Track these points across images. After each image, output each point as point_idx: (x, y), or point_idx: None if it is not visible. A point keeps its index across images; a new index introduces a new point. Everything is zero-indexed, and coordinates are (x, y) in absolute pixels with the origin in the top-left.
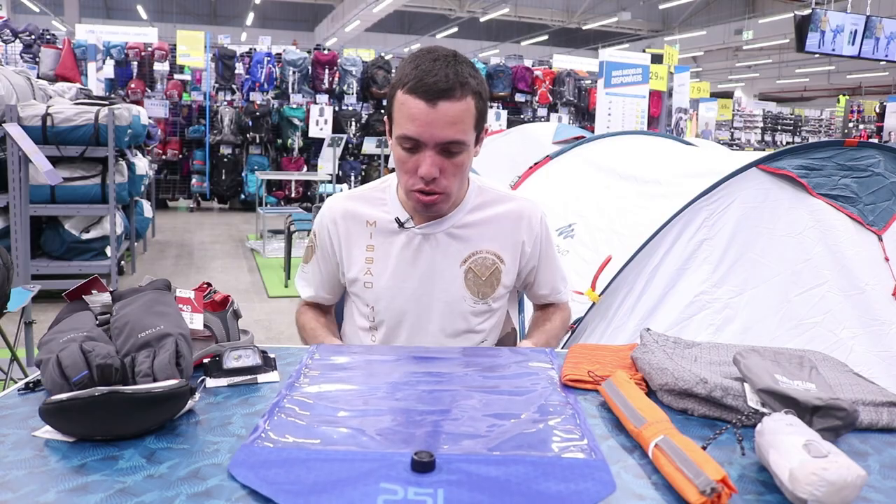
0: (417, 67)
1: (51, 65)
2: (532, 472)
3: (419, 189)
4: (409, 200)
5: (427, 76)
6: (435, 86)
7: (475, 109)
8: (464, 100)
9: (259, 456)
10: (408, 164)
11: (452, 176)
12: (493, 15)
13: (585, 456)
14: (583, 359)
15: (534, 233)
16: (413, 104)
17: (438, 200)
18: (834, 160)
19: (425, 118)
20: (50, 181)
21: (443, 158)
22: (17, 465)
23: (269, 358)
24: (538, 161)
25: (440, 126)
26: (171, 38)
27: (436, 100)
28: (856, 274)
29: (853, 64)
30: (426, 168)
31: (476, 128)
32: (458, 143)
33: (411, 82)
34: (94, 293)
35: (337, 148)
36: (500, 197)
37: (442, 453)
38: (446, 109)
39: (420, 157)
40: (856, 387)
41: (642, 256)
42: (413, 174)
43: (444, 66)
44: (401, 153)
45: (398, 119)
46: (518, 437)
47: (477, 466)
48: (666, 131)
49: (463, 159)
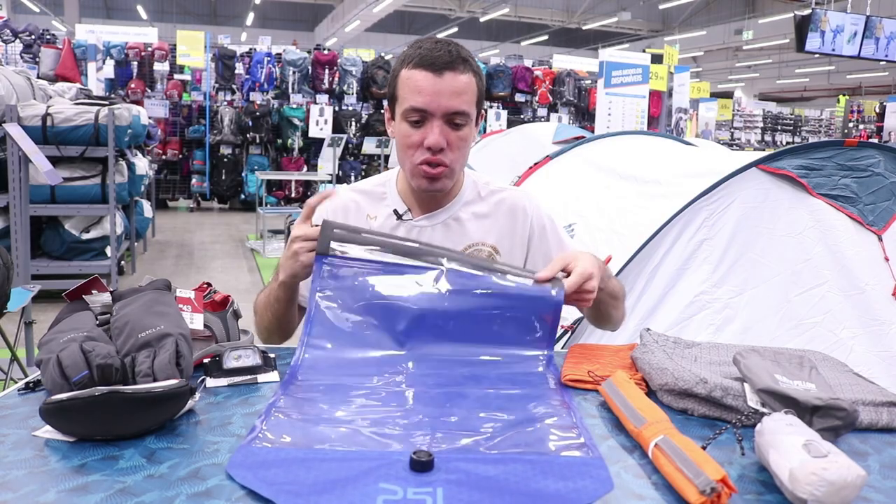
0: (420, 48)
1: (51, 65)
2: (530, 471)
3: (425, 161)
4: (413, 180)
5: (431, 52)
6: (440, 58)
7: (476, 87)
8: (466, 73)
9: (257, 456)
10: (413, 138)
11: (458, 149)
12: (493, 15)
13: (583, 454)
14: (583, 359)
15: (529, 223)
16: (419, 76)
17: (442, 174)
18: (834, 160)
19: (432, 87)
20: (50, 181)
21: (449, 130)
22: (18, 464)
23: (269, 358)
24: (538, 161)
25: (447, 95)
26: (171, 38)
27: (442, 70)
28: (856, 274)
29: (853, 64)
30: (434, 137)
31: (477, 105)
32: (464, 114)
33: (416, 59)
34: (94, 293)
35: (337, 148)
36: (495, 190)
37: (440, 452)
38: (451, 80)
39: (426, 129)
40: (856, 387)
41: (642, 256)
42: (419, 147)
43: (446, 46)
44: (406, 129)
45: (404, 94)
46: (516, 436)
47: (475, 465)
48: (666, 131)
49: (466, 133)
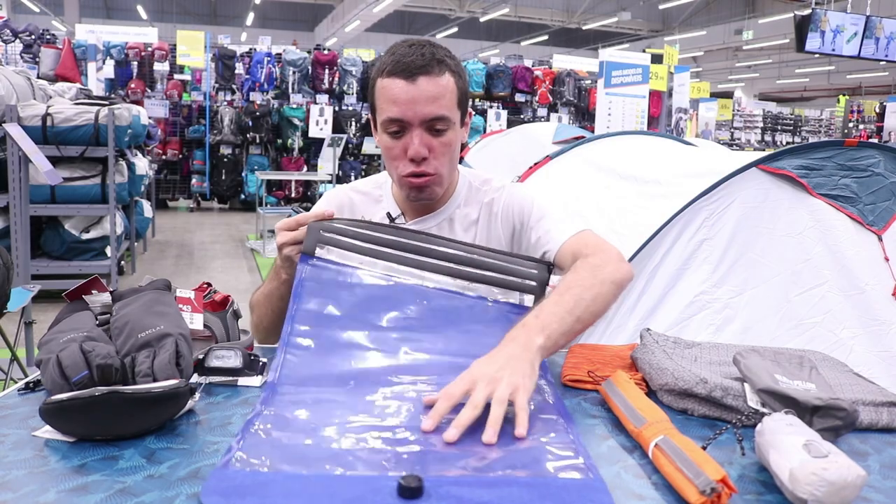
0: (394, 54)
1: (51, 65)
2: (527, 495)
3: (410, 173)
4: (402, 190)
5: (403, 58)
6: (412, 63)
7: (456, 87)
8: (443, 76)
9: (233, 481)
10: (395, 150)
11: (442, 156)
12: (493, 15)
13: (582, 476)
14: (583, 359)
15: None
16: (393, 85)
17: (430, 182)
18: (834, 160)
19: (406, 96)
20: (50, 181)
21: (430, 137)
22: (17, 465)
23: (255, 362)
24: (538, 161)
25: (422, 102)
26: (171, 38)
27: (415, 76)
28: (856, 274)
29: (853, 64)
30: (414, 148)
31: (459, 107)
32: (443, 118)
33: (389, 66)
34: (94, 293)
35: (337, 148)
36: (487, 190)
37: (430, 476)
38: (426, 85)
39: (407, 140)
40: (856, 387)
41: (642, 256)
42: (402, 159)
43: (419, 48)
44: (387, 141)
45: (380, 105)
46: (510, 456)
47: (469, 490)
48: (666, 131)
49: (450, 138)
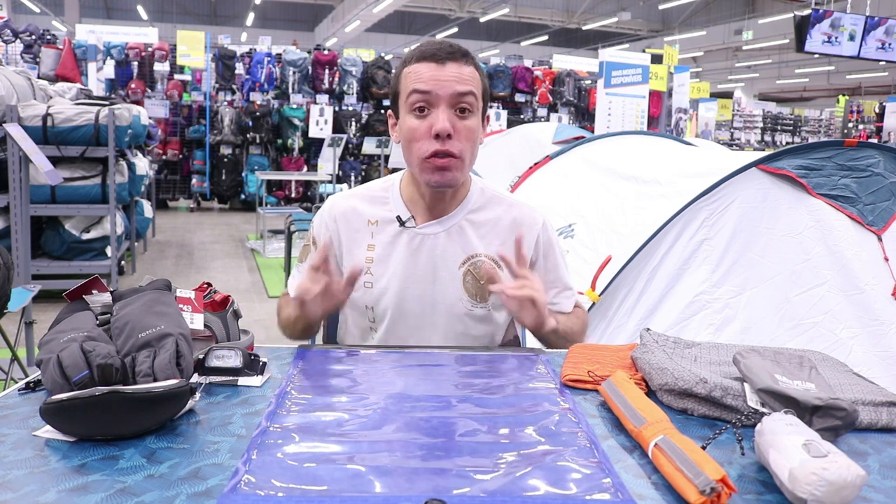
0: (422, 47)
1: (51, 65)
2: None
3: (433, 152)
4: (422, 175)
5: (432, 47)
6: (441, 50)
7: (480, 80)
8: (470, 66)
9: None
10: (420, 130)
11: (466, 139)
12: (493, 15)
13: (612, 497)
14: (583, 359)
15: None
16: (422, 67)
17: (453, 166)
18: (834, 160)
19: (436, 74)
20: (50, 181)
21: (455, 118)
22: (18, 464)
23: (255, 362)
24: (538, 161)
25: (451, 81)
26: (171, 39)
27: (444, 60)
28: (855, 274)
29: (853, 64)
30: (441, 123)
31: (482, 99)
32: (470, 94)
33: (417, 54)
34: (95, 293)
35: (337, 148)
36: (502, 200)
37: (453, 497)
38: (454, 68)
39: (433, 118)
40: (855, 387)
41: (642, 256)
42: (426, 138)
43: (447, 43)
44: (412, 121)
45: (407, 85)
46: (533, 472)
47: None
48: (666, 131)
49: (474, 124)
